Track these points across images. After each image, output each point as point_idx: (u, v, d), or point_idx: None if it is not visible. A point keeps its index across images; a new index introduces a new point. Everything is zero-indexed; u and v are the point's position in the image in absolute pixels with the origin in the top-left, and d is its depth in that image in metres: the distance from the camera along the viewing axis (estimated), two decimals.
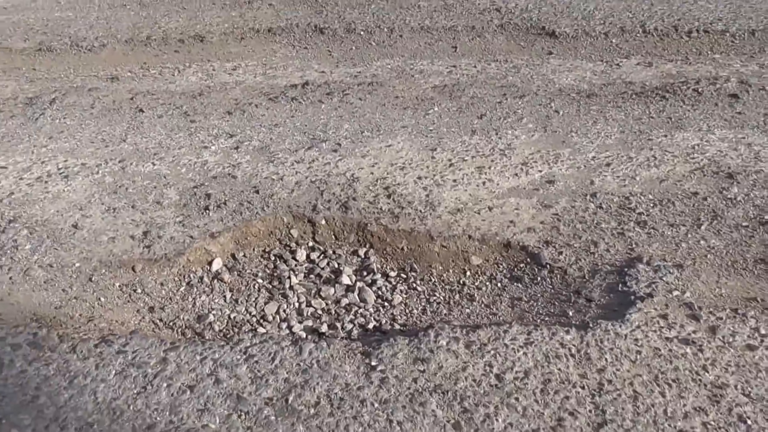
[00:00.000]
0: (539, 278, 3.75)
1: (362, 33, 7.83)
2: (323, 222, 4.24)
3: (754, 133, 5.10)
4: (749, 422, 2.76)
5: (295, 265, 4.06)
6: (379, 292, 3.84)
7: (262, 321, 3.68)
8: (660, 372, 2.97)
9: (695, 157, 4.78)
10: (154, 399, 2.94)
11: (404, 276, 3.94)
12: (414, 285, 3.87)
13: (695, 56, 6.81)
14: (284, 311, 3.75)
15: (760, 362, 2.99)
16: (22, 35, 8.24)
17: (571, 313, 3.43)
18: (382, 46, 7.49)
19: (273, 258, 4.12)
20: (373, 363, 3.07)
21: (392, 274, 3.96)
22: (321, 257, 4.11)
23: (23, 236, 4.17)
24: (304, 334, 3.54)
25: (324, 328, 3.61)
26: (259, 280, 3.97)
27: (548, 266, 3.79)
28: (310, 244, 4.19)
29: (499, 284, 3.79)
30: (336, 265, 4.05)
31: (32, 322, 3.43)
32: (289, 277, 3.96)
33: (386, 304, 3.77)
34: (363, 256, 4.10)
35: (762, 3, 8.32)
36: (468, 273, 3.89)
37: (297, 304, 3.80)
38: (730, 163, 4.67)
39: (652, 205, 4.24)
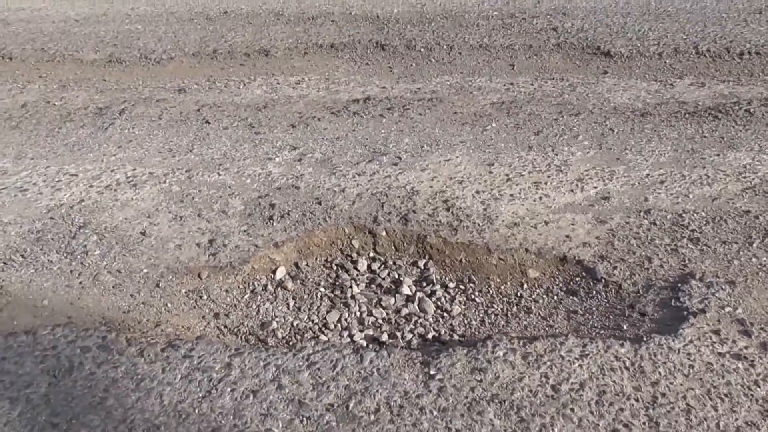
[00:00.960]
0: (594, 292, 3.73)
1: (422, 50, 7.84)
2: (384, 233, 4.25)
3: None
4: None
5: (357, 275, 4.07)
6: (439, 303, 3.84)
7: (324, 329, 3.69)
8: (712, 386, 2.95)
9: (747, 176, 4.74)
10: (218, 403, 2.97)
11: (463, 287, 3.94)
12: (472, 296, 3.87)
13: (747, 77, 6.76)
14: (346, 320, 3.76)
15: None
16: (93, 47, 8.34)
17: (625, 327, 3.42)
18: (442, 63, 7.50)
19: (335, 268, 4.13)
20: (431, 372, 3.08)
21: (451, 285, 3.96)
22: (382, 268, 4.12)
23: (93, 242, 4.22)
24: (364, 343, 3.55)
25: (384, 338, 3.61)
26: (322, 289, 3.98)
27: (603, 280, 3.78)
28: (371, 254, 4.20)
29: (555, 297, 3.78)
30: (396, 276, 4.06)
31: (101, 325, 3.47)
32: (351, 287, 3.97)
33: (445, 314, 3.77)
34: (422, 267, 4.10)
35: None
36: (525, 286, 3.88)
37: (358, 313, 3.81)
38: None
39: (704, 222, 4.21)
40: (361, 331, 3.68)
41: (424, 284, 3.99)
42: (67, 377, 3.12)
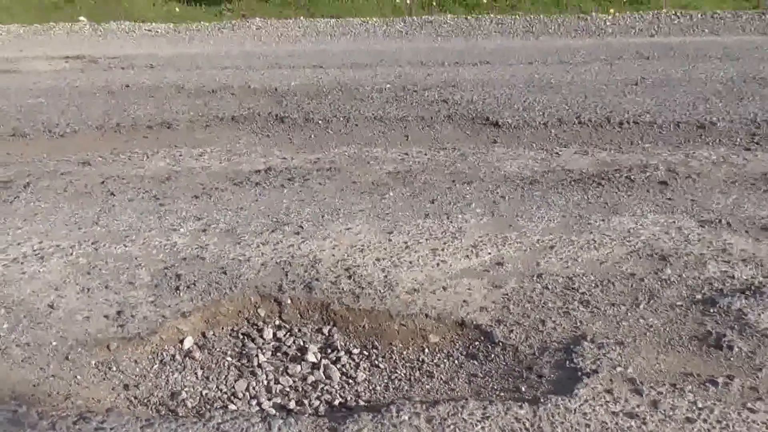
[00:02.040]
0: (493, 355, 3.74)
1: (320, 122, 7.91)
2: (289, 301, 4.22)
3: (683, 218, 5.18)
4: None
5: (263, 343, 4.01)
6: (344, 369, 3.81)
7: (232, 398, 3.63)
8: None
9: (631, 240, 4.84)
10: None
11: (367, 353, 3.91)
12: (376, 362, 3.84)
13: (627, 145, 6.94)
14: (253, 388, 3.69)
15: None
16: None
17: (523, 389, 3.43)
18: (339, 134, 7.56)
19: (241, 336, 4.08)
20: None
21: (355, 351, 3.93)
22: (287, 335, 4.08)
23: (0, 316, 4.11)
24: (273, 411, 3.49)
25: (292, 405, 3.56)
26: (229, 358, 3.92)
27: (501, 344, 3.79)
28: (277, 322, 4.16)
29: (456, 361, 3.77)
30: (302, 343, 4.02)
31: (11, 399, 3.36)
32: (257, 355, 3.91)
33: (351, 380, 3.74)
34: (327, 334, 4.06)
35: (684, 97, 8.56)
36: (426, 350, 3.87)
37: (266, 381, 3.74)
38: (663, 246, 4.74)
39: (593, 285, 4.27)
40: (269, 399, 3.62)
41: (329, 351, 3.96)
42: None
